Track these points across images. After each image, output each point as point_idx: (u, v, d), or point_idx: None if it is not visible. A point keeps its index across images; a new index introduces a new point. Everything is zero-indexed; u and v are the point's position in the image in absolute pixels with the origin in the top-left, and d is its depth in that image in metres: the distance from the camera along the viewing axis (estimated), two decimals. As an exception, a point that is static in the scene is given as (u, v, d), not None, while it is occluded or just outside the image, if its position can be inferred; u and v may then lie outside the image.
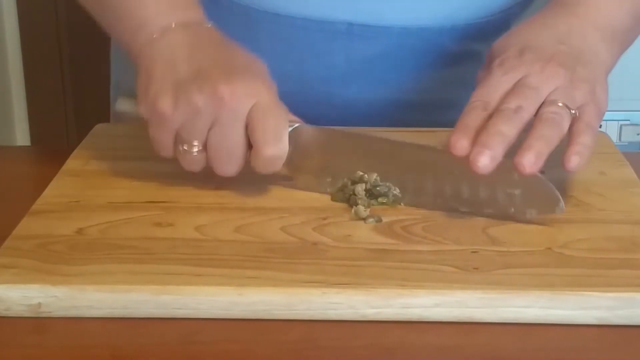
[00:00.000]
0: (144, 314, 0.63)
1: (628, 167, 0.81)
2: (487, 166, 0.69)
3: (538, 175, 0.70)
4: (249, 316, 0.62)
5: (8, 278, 0.63)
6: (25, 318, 0.63)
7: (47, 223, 0.71)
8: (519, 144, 0.70)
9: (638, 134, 1.93)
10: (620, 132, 1.91)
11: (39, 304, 0.62)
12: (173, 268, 0.65)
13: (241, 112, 0.71)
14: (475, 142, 0.69)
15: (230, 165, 0.73)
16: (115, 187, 0.77)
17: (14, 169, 0.89)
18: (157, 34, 0.75)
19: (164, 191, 0.76)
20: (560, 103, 0.72)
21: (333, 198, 0.75)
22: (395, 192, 0.74)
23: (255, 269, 0.64)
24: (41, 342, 0.62)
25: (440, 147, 0.74)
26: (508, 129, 0.70)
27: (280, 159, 0.73)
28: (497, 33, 0.82)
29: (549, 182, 0.71)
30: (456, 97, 0.76)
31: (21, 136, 2.14)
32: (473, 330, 0.62)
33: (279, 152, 0.72)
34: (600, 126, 0.76)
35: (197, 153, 0.73)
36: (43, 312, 0.63)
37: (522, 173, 0.69)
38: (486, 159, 0.69)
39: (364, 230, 0.71)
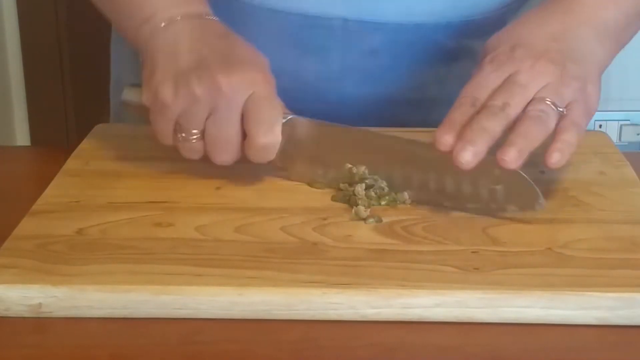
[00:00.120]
0: (144, 314, 0.63)
1: (628, 167, 0.81)
2: (470, 162, 0.70)
3: (519, 172, 0.71)
4: (249, 316, 0.62)
5: (8, 278, 0.63)
6: (25, 318, 0.63)
7: (47, 223, 0.71)
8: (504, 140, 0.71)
9: (638, 134, 1.92)
10: (620, 132, 1.91)
11: (39, 304, 0.62)
12: (173, 268, 0.65)
13: (237, 103, 0.73)
14: (459, 138, 0.70)
15: (226, 153, 0.75)
16: (115, 187, 0.77)
17: (14, 169, 0.90)
18: (162, 26, 0.77)
19: (164, 191, 0.76)
20: (547, 100, 0.73)
21: (333, 198, 0.76)
22: (382, 185, 0.75)
23: (255, 269, 0.64)
24: (41, 342, 0.62)
25: (428, 142, 0.75)
26: (492, 126, 0.71)
27: (272, 149, 0.75)
28: (493, 30, 0.82)
29: (529, 179, 0.71)
30: (452, 94, 0.76)
31: (21, 136, 2.14)
32: (473, 330, 0.62)
33: (272, 142, 0.74)
34: (600, 125, 0.76)
35: (196, 141, 0.75)
36: (43, 312, 0.63)
37: (504, 168, 0.70)
38: (469, 155, 0.70)
39: (364, 230, 0.71)
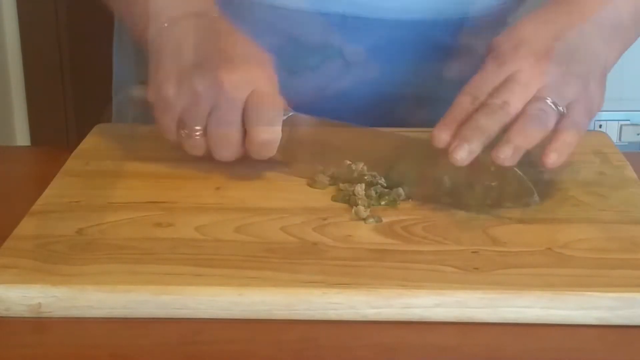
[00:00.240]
0: (144, 314, 0.63)
1: (628, 167, 0.81)
2: (464, 159, 0.71)
3: (514, 169, 0.71)
4: (249, 316, 0.62)
5: (8, 278, 0.63)
6: (25, 318, 0.63)
7: (47, 223, 0.71)
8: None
9: (638, 134, 1.92)
10: (620, 132, 1.91)
11: (39, 304, 0.62)
12: (173, 268, 0.65)
13: (238, 99, 0.74)
14: (455, 136, 0.71)
15: (227, 150, 0.76)
16: (115, 187, 0.77)
17: (14, 169, 0.89)
18: (168, 24, 0.78)
19: (164, 191, 0.76)
20: (547, 99, 0.73)
21: (333, 198, 0.76)
22: (380, 182, 0.76)
23: (255, 269, 0.64)
24: (41, 342, 0.62)
25: (425, 139, 0.76)
26: (489, 124, 0.72)
27: (273, 146, 0.76)
28: (492, 28, 0.82)
29: (523, 176, 0.72)
30: (450, 92, 0.77)
31: (21, 136, 2.13)
32: (473, 330, 0.62)
33: (272, 139, 0.75)
34: (600, 125, 0.76)
35: (199, 137, 0.76)
36: (43, 312, 0.63)
37: (499, 165, 0.71)
38: (463, 152, 0.71)
39: (364, 230, 0.70)
